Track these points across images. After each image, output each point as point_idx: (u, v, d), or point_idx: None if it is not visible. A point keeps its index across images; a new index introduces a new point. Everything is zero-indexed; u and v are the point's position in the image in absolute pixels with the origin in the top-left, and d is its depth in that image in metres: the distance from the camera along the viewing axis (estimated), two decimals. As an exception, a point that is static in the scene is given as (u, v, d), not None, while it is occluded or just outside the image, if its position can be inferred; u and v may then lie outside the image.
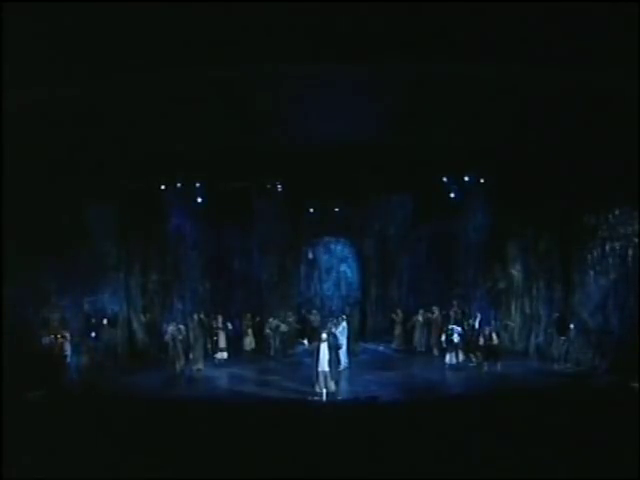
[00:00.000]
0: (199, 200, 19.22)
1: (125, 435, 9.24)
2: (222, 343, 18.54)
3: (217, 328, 18.56)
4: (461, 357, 17.15)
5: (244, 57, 10.10)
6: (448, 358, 17.22)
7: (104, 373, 16.66)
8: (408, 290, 21.70)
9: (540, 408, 10.52)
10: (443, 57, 10.14)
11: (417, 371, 17.00)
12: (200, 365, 17.28)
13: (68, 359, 15.37)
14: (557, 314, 17.22)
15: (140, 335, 19.13)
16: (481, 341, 16.84)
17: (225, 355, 18.53)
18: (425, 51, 9.98)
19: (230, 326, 19.04)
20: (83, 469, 8.21)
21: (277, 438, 8.99)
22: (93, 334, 17.02)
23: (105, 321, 17.53)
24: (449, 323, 17.99)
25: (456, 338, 17.13)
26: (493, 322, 18.02)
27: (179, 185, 18.76)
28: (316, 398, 13.89)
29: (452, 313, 18.84)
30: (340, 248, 22.99)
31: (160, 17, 9.12)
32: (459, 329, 17.30)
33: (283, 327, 19.22)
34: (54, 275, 15.75)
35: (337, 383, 14.41)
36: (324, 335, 14.37)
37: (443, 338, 17.70)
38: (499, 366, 16.46)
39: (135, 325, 19.12)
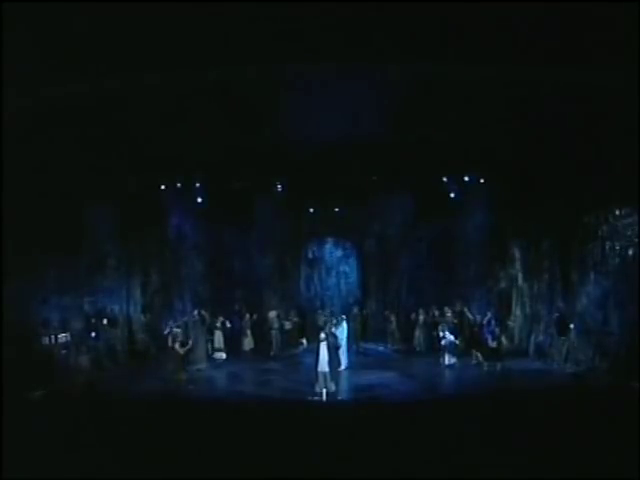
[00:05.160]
0: (199, 200, 19.24)
1: (125, 435, 9.23)
2: (221, 343, 18.54)
3: (217, 328, 18.56)
4: (453, 359, 17.10)
5: (245, 57, 10.11)
6: (442, 359, 17.23)
7: (104, 373, 16.67)
8: (408, 290, 21.69)
9: (540, 408, 10.51)
10: (443, 57, 10.14)
11: (417, 371, 16.95)
12: (200, 365, 17.28)
13: (71, 359, 15.38)
14: (557, 314, 17.19)
15: (140, 335, 19.12)
16: (484, 340, 16.86)
17: (223, 355, 18.52)
18: (425, 51, 9.98)
19: (229, 326, 19.06)
20: (83, 469, 8.20)
21: (277, 438, 8.98)
22: (93, 334, 17.01)
23: (105, 321, 17.53)
24: (449, 323, 17.97)
25: (447, 340, 17.11)
26: (493, 322, 18.00)
27: (179, 185, 18.79)
28: (316, 398, 13.89)
29: (452, 313, 18.82)
30: (340, 248, 22.99)
31: (160, 17, 9.13)
32: (448, 332, 17.22)
33: (286, 324, 19.36)
34: (54, 275, 15.73)
35: (337, 383, 14.42)
36: (323, 335, 14.37)
37: (437, 339, 17.77)
38: (499, 366, 16.46)
39: (135, 325, 19.12)
